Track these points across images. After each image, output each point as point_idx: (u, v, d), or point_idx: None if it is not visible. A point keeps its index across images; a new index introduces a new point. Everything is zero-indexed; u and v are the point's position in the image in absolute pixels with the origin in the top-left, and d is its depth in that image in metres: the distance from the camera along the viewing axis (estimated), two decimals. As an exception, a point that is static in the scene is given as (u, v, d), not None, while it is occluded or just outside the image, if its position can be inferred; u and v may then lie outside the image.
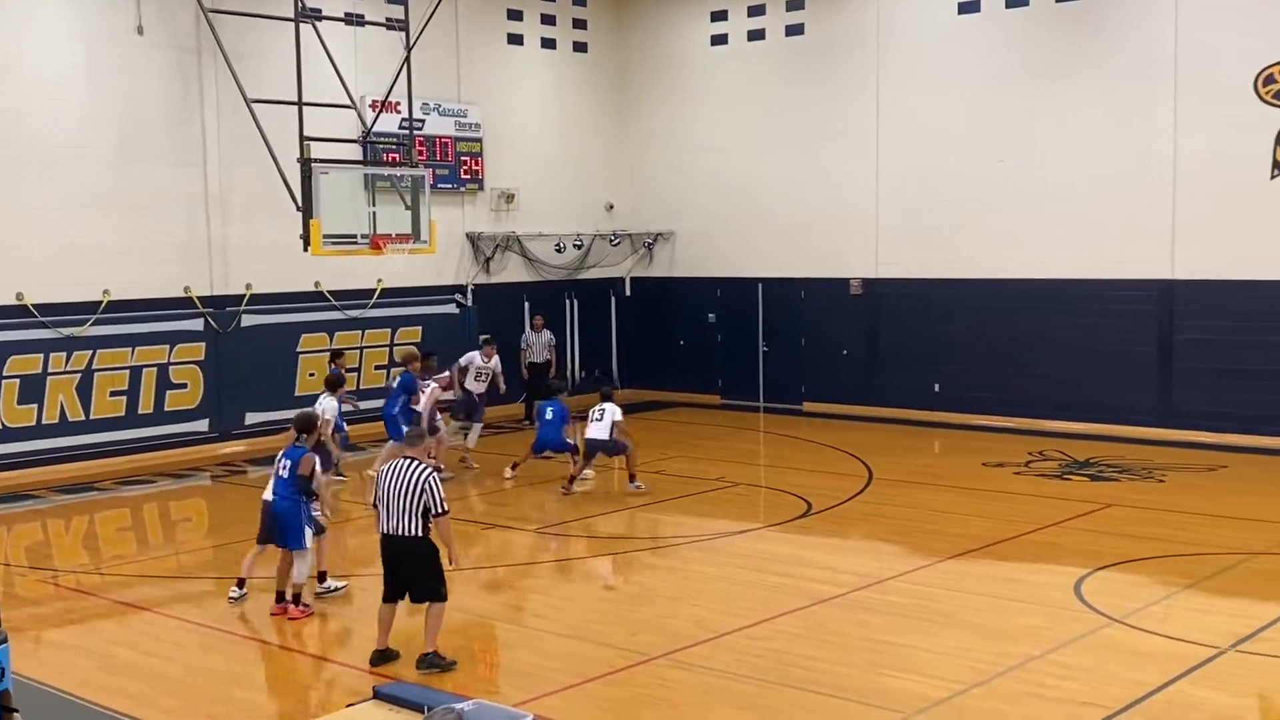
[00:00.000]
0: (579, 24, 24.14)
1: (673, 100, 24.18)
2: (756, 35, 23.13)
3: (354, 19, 19.47)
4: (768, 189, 22.90)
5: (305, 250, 16.18)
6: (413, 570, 9.49)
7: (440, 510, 9.39)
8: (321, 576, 11.51)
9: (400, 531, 9.43)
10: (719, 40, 23.61)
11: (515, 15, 23.05)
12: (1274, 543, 12.98)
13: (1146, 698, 8.70)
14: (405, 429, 13.54)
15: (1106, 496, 15.32)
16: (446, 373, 17.39)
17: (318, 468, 11.22)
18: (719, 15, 23.54)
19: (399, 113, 19.19)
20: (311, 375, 19.98)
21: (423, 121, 20.65)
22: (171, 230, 18.60)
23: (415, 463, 9.53)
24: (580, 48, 24.20)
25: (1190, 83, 18.50)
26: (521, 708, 8.53)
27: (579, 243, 23.63)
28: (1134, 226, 19.11)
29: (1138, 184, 19.03)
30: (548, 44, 23.66)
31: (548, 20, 23.60)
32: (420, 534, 9.40)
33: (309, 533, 11.05)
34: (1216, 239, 18.43)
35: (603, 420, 15.81)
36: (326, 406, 15.43)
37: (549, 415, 16.23)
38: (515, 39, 23.12)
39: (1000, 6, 20.28)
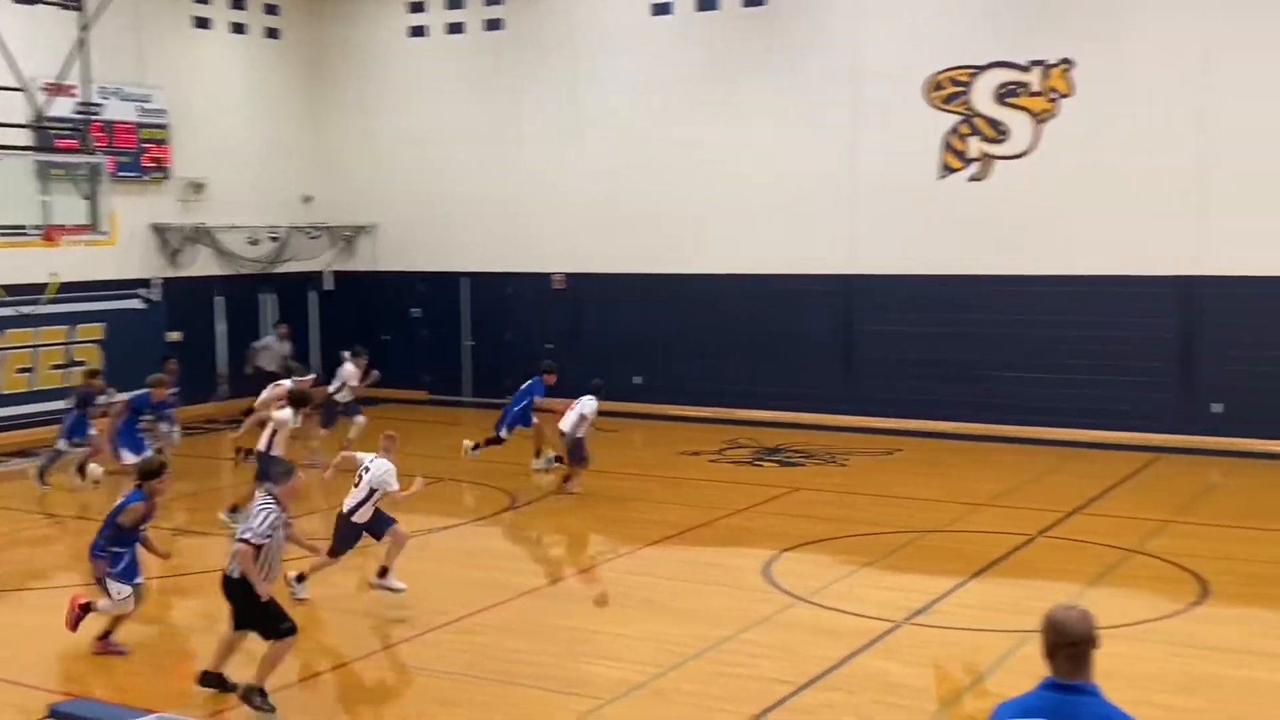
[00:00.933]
0: (271, 9, 23.38)
1: (372, 91, 23.77)
2: (456, 28, 23.02)
3: (24, -5, 18.18)
4: (471, 183, 22.83)
5: (-31, 242, 15.11)
6: (242, 608, 8.65)
7: (241, 537, 8.55)
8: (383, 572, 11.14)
9: (226, 566, 8.71)
10: (418, 31, 23.37)
11: (202, -2, 22.17)
12: (944, 521, 13.96)
13: (831, 671, 9.21)
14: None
15: (794, 481, 16.10)
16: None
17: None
18: (416, 6, 23.30)
19: (75, 96, 18.08)
20: (-21, 376, 18.65)
21: (101, 106, 19.48)
22: None
23: (267, 499, 8.77)
24: (273, 34, 23.45)
25: (866, 88, 19.60)
26: (216, 718, 8.27)
27: (275, 235, 22.91)
28: (818, 224, 20.12)
29: (821, 184, 20.02)
30: (238, 29, 22.81)
31: (238, 4, 22.75)
32: (232, 571, 8.62)
33: (111, 585, 9.66)
34: (890, 237, 19.62)
35: (572, 413, 15.42)
36: (282, 419, 13.79)
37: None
38: (202, 22, 22.18)
39: (691, 9, 20.92)
